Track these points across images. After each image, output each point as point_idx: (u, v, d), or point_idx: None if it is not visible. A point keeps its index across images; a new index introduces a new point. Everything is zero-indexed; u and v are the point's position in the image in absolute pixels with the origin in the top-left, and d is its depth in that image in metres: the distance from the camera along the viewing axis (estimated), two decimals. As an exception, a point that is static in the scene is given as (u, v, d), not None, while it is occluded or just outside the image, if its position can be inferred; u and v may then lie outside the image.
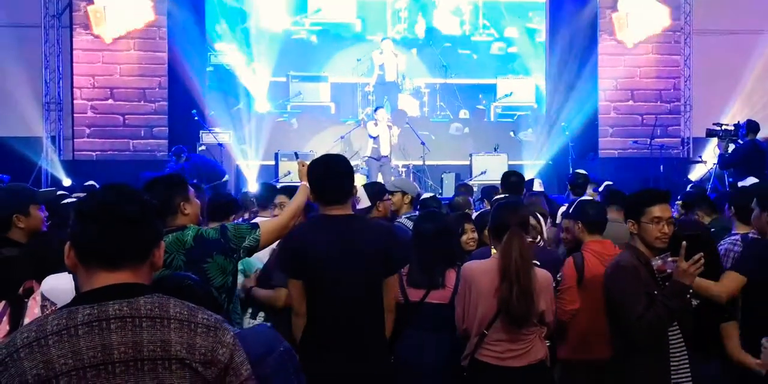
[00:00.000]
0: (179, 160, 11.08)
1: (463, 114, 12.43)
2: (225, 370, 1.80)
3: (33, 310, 2.85)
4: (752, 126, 9.67)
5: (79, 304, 1.75)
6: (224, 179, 10.77)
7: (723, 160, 9.85)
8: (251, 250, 3.37)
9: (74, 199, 5.94)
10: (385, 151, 11.92)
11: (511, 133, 12.47)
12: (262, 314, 4.00)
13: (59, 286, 2.58)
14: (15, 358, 1.68)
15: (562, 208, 5.46)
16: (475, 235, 4.61)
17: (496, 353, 3.55)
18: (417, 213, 5.63)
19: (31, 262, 3.04)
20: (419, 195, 6.14)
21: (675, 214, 5.55)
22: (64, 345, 1.69)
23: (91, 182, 8.89)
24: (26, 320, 2.80)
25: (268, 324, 3.84)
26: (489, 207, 6.30)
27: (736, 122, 10.15)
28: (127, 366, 1.72)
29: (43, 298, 2.61)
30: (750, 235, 4.00)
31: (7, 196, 3.84)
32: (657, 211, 3.36)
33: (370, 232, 3.48)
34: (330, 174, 3.43)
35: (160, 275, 2.80)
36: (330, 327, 3.32)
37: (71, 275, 2.56)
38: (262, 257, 4.13)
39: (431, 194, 6.79)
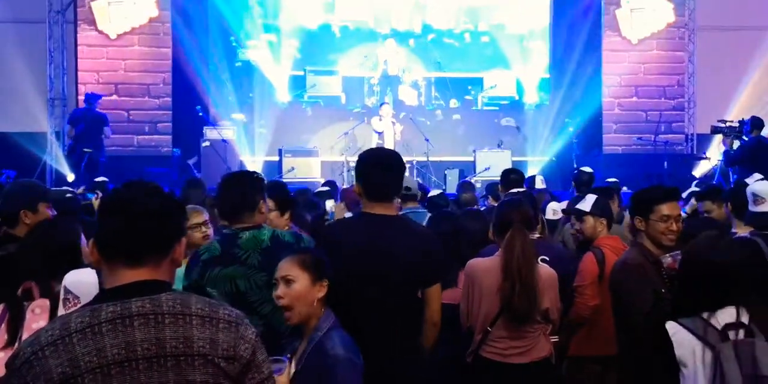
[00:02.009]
0: (88, 104, 11.40)
1: (454, 103, 13.52)
2: (247, 366, 1.82)
3: (31, 325, 2.75)
4: (756, 123, 9.64)
5: (102, 302, 1.78)
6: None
7: (728, 157, 9.83)
8: None
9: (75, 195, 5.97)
10: (389, 146, 11.98)
11: (496, 120, 13.72)
12: None
13: (83, 279, 2.57)
14: (40, 356, 1.70)
15: (555, 205, 5.44)
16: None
17: (499, 350, 3.55)
18: (421, 209, 5.65)
19: (33, 255, 2.97)
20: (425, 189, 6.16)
21: (687, 209, 5.55)
22: (88, 342, 1.71)
23: (102, 178, 8.91)
24: (25, 335, 2.70)
25: None
26: (494, 203, 6.31)
27: (741, 119, 10.13)
28: (150, 362, 1.73)
29: (66, 291, 2.58)
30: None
31: (17, 190, 3.83)
32: (666, 209, 3.34)
33: (408, 236, 3.22)
34: (379, 169, 3.23)
35: None
36: (357, 331, 3.05)
37: (94, 270, 2.59)
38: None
39: (439, 191, 6.79)
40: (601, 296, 4.01)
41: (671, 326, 2.55)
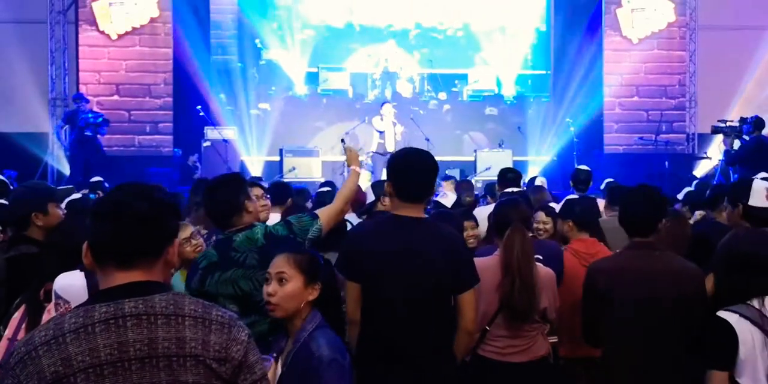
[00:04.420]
0: (78, 103, 11.54)
1: (442, 95, 14.65)
2: (239, 368, 1.83)
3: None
4: (758, 123, 9.65)
5: (96, 303, 1.79)
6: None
7: (729, 156, 9.83)
8: (315, 241, 3.34)
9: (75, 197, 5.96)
10: (390, 146, 11.99)
11: (487, 110, 14.80)
12: None
13: (72, 283, 2.57)
14: (33, 356, 1.71)
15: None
16: (476, 231, 4.62)
17: (497, 349, 3.54)
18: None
19: (55, 256, 2.97)
20: None
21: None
22: (81, 343, 1.72)
23: (97, 178, 8.91)
24: None
25: None
26: (493, 203, 6.31)
27: (741, 118, 10.13)
28: (142, 363, 1.75)
29: (57, 296, 2.59)
30: None
31: (26, 193, 3.85)
32: None
33: (440, 240, 3.12)
34: (415, 169, 3.15)
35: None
36: (386, 338, 3.06)
37: (83, 273, 2.58)
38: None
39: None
40: (560, 298, 3.90)
41: (729, 315, 2.69)
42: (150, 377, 1.75)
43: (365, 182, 8.01)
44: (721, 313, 2.71)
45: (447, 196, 6.16)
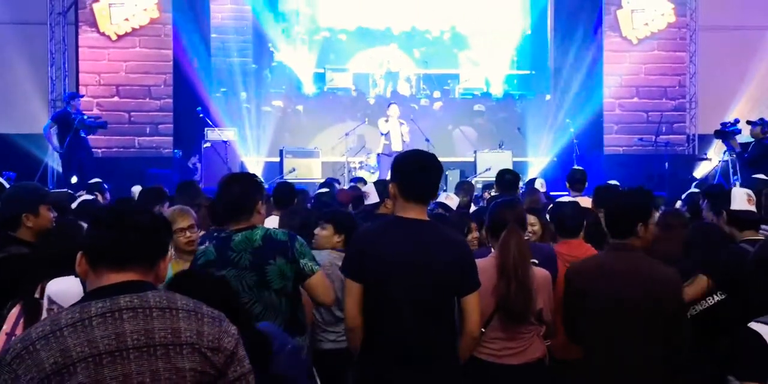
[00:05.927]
0: (71, 102, 11.37)
1: (436, 94, 15.48)
2: (231, 358, 1.93)
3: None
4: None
5: (91, 300, 1.87)
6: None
7: (744, 158, 9.71)
8: (301, 275, 3.29)
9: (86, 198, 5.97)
10: (396, 147, 11.99)
11: (476, 107, 15.53)
12: None
13: (67, 289, 2.58)
14: (31, 350, 1.78)
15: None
16: (477, 233, 4.62)
17: (493, 351, 3.54)
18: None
19: (51, 256, 2.96)
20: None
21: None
22: (79, 335, 1.80)
23: (96, 180, 8.90)
24: None
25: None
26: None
27: (736, 118, 10.10)
28: (140, 352, 1.83)
29: (50, 301, 2.61)
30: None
31: (18, 194, 3.84)
32: None
33: (444, 242, 3.13)
34: (423, 168, 3.14)
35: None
36: (391, 341, 3.07)
37: (78, 279, 2.59)
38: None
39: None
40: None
41: (760, 327, 2.64)
42: (148, 365, 1.83)
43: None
44: (753, 325, 2.67)
45: (451, 198, 6.17)
